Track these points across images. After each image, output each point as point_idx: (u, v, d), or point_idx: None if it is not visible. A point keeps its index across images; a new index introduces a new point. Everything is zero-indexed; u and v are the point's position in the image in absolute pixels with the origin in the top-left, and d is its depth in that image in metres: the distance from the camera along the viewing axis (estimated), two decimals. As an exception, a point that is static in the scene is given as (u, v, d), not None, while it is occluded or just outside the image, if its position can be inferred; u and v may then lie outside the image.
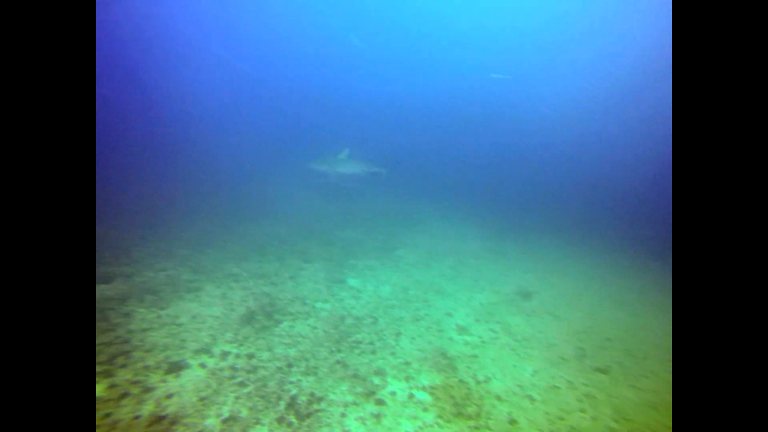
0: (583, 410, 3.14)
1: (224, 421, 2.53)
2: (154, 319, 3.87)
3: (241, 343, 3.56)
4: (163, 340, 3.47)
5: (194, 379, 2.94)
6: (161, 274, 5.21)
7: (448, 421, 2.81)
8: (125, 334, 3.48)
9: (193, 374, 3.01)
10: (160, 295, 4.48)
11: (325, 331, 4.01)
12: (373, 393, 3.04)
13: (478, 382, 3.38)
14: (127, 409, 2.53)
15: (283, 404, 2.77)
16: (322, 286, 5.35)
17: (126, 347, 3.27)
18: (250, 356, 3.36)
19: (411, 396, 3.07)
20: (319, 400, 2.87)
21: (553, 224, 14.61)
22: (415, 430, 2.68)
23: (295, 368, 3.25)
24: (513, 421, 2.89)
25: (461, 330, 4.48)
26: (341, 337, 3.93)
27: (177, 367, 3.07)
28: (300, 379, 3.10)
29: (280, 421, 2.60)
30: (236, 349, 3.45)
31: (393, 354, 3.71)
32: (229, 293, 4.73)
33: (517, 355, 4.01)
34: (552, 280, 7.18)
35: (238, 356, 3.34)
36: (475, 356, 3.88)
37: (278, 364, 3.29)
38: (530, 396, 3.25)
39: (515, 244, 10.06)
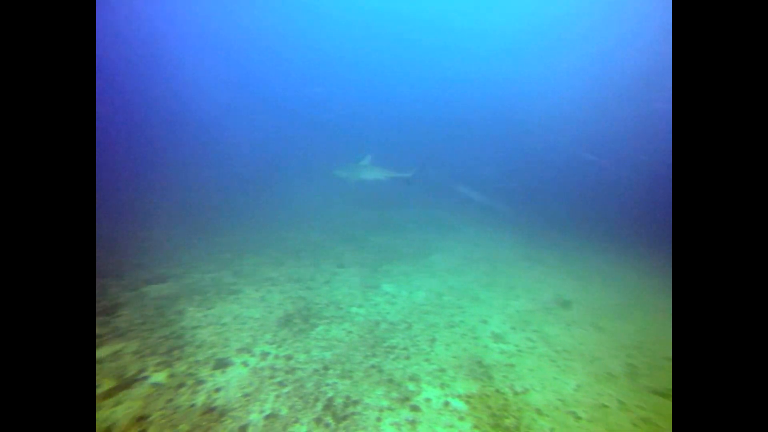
0: (635, 432, 2.94)
1: (266, 418, 2.64)
2: (202, 318, 4.13)
3: (280, 345, 3.70)
4: (210, 338, 3.69)
5: (238, 376, 3.11)
6: (206, 276, 5.55)
7: (485, 432, 2.75)
8: (179, 330, 3.76)
9: (237, 371, 3.18)
10: (206, 296, 4.77)
11: (360, 336, 4.07)
12: (408, 399, 3.04)
13: (515, 393, 3.28)
14: (185, 398, 2.78)
15: (320, 405, 2.85)
16: (357, 291, 5.44)
17: (180, 342, 3.54)
18: (288, 357, 3.49)
19: (446, 404, 3.04)
20: (355, 403, 2.92)
21: (593, 230, 13.89)
22: (451, 439, 2.66)
23: (331, 371, 3.33)
24: (555, 436, 2.78)
25: (497, 338, 4.37)
26: (376, 342, 3.97)
27: (223, 364, 3.26)
28: (336, 382, 3.17)
29: (318, 421, 2.68)
30: (275, 350, 3.59)
31: (428, 360, 3.70)
32: (267, 296, 4.94)
33: (558, 366, 3.84)
34: (593, 289, 6.82)
35: (276, 357, 3.48)
36: (512, 365, 3.77)
37: (315, 366, 3.39)
38: (574, 413, 3.10)
39: (552, 251, 9.67)
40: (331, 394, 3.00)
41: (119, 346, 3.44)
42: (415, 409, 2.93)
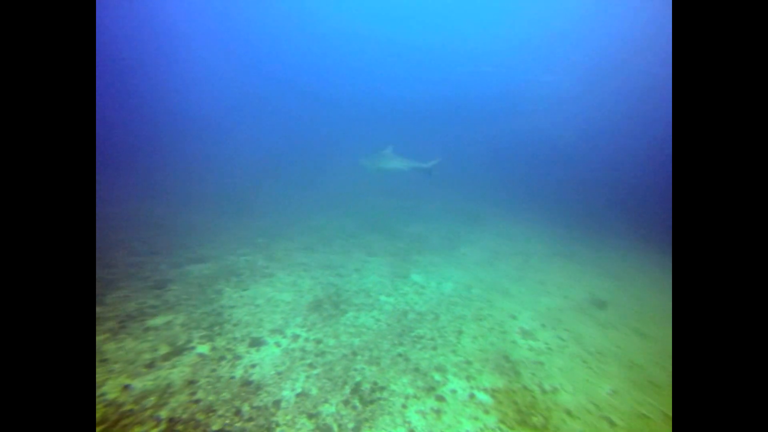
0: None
1: (297, 396, 2.78)
2: (238, 298, 4.36)
3: (310, 329, 3.85)
4: (245, 318, 3.90)
5: (271, 355, 3.27)
6: (242, 258, 5.82)
7: (512, 428, 2.74)
8: (218, 308, 4.01)
9: (270, 351, 3.35)
10: (241, 277, 5.02)
11: (388, 324, 4.14)
12: (434, 389, 3.08)
13: (544, 392, 3.22)
14: (225, 369, 3.00)
15: (348, 389, 2.95)
16: (386, 280, 5.51)
17: (219, 319, 3.78)
18: (318, 341, 3.62)
19: (472, 396, 3.05)
20: (382, 389, 2.99)
21: (634, 226, 13.08)
22: None
23: (359, 357, 3.43)
24: (584, 438, 2.71)
25: (526, 334, 4.29)
26: (403, 330, 4.02)
27: (257, 343, 3.44)
28: (363, 368, 3.26)
29: (346, 403, 2.78)
30: (305, 333, 3.74)
31: (454, 352, 3.70)
32: (298, 281, 5.12)
33: (590, 369, 3.72)
34: (633, 291, 6.47)
35: (307, 340, 3.62)
36: (541, 363, 3.69)
37: (343, 351, 3.50)
38: (609, 419, 2.99)
39: (587, 247, 9.24)
40: (358, 378, 3.09)
41: (170, 317, 3.73)
42: (441, 399, 2.96)
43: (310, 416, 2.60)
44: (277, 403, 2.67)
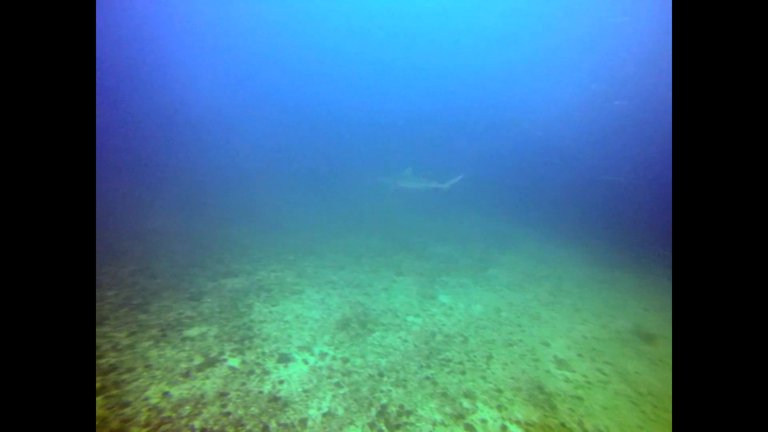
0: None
1: (324, 415, 2.77)
2: (267, 313, 4.47)
3: (337, 347, 3.85)
4: (274, 333, 3.97)
5: (299, 372, 3.30)
6: (272, 274, 5.98)
7: (547, 465, 2.57)
8: (249, 323, 4.13)
9: (298, 368, 3.38)
10: (271, 293, 5.15)
11: (416, 345, 4.07)
12: (463, 417, 2.96)
13: None
14: (254, 384, 3.06)
15: (374, 411, 2.90)
16: (414, 300, 5.45)
17: (250, 333, 3.89)
18: (345, 360, 3.61)
19: (504, 428, 2.90)
20: (408, 413, 2.92)
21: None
22: (508, 466, 2.53)
23: (386, 378, 3.38)
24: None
25: (560, 363, 4.05)
26: (431, 353, 3.93)
27: (285, 359, 3.49)
28: (390, 390, 3.21)
29: (372, 426, 2.73)
30: (333, 352, 3.75)
31: (483, 378, 3.56)
32: (327, 299, 5.17)
33: (642, 412, 3.37)
34: (682, 322, 5.97)
35: (334, 358, 3.62)
36: (580, 398, 3.46)
37: (370, 371, 3.46)
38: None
39: (629, 273, 8.69)
40: (384, 401, 3.04)
41: (205, 329, 3.88)
42: (470, 428, 2.84)
43: (336, 437, 2.58)
44: (304, 422, 2.67)
